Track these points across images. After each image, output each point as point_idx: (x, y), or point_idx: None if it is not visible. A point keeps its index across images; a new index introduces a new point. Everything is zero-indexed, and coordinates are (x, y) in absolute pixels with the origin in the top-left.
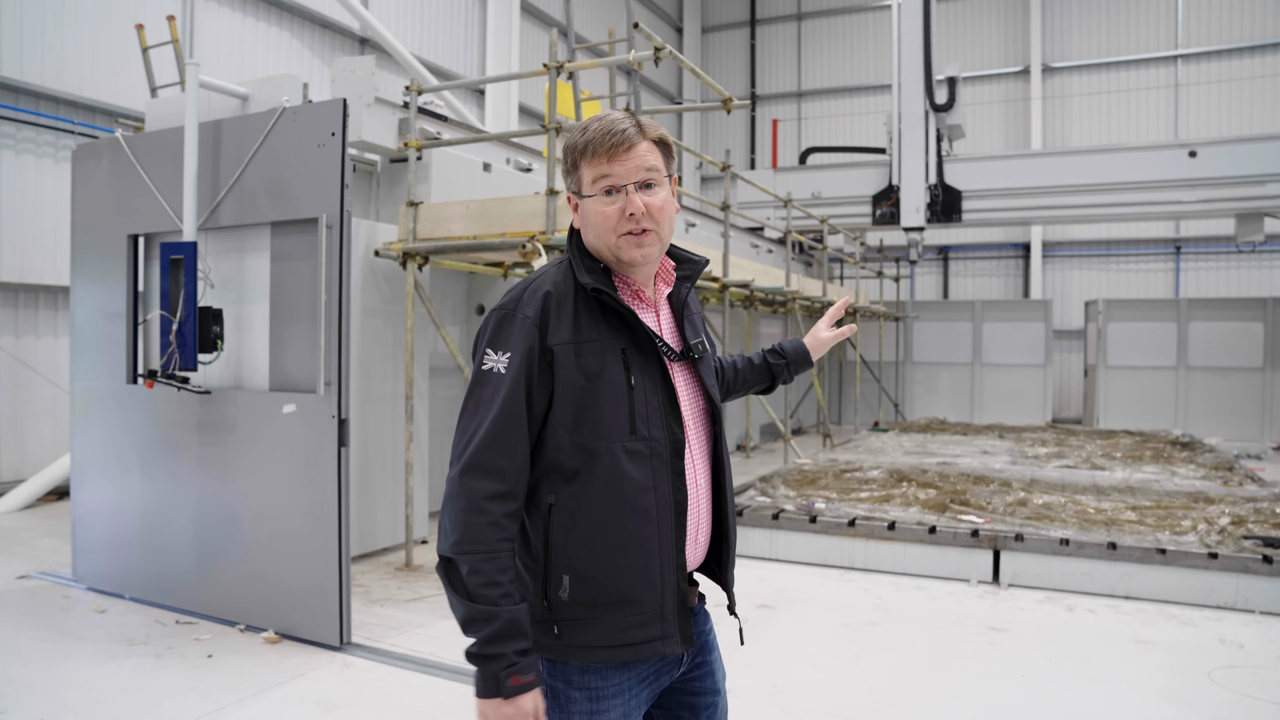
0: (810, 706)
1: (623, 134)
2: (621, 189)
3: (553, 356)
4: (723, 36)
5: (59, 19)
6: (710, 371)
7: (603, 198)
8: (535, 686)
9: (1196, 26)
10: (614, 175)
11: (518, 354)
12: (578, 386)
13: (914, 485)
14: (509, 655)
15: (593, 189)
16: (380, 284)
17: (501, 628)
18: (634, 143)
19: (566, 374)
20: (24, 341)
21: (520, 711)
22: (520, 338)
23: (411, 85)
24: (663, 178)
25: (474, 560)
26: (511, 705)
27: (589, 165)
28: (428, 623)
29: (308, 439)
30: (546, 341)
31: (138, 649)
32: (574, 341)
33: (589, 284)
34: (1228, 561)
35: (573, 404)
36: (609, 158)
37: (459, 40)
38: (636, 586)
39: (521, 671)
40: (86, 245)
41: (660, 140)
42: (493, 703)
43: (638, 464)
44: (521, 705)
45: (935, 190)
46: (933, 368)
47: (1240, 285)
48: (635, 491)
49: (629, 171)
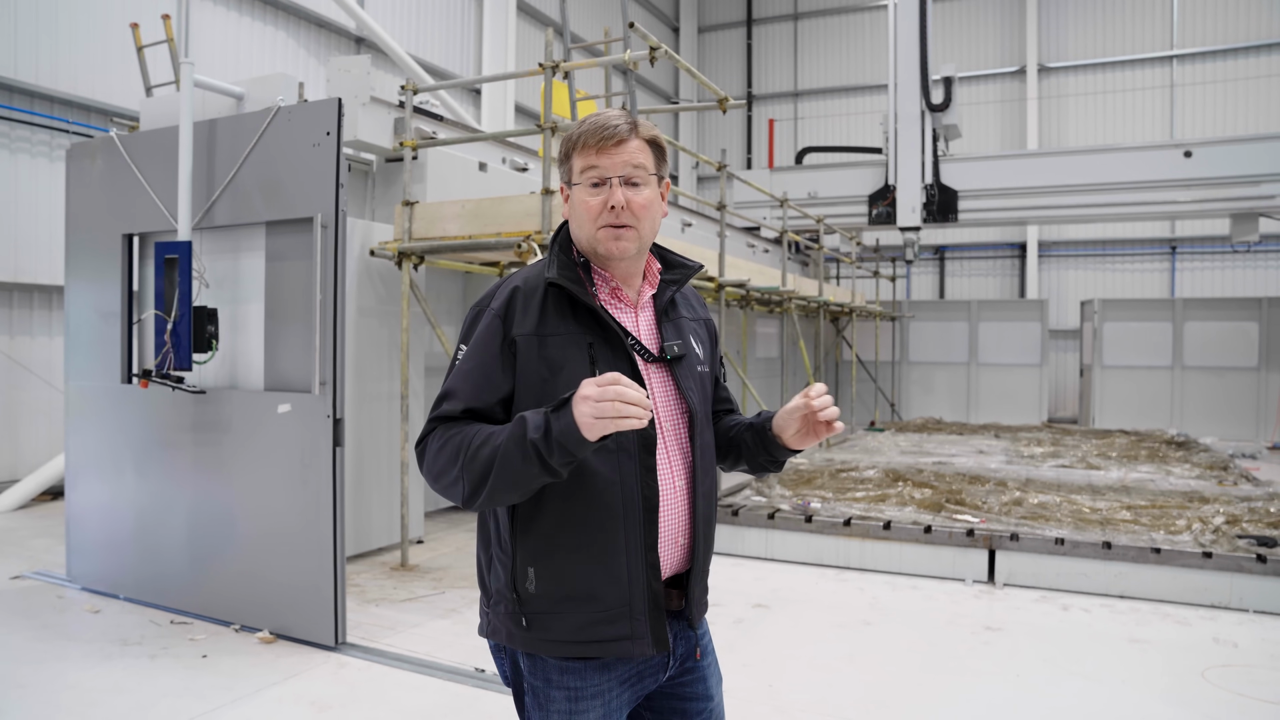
0: (805, 706)
1: (614, 129)
2: (607, 182)
3: (515, 347)
4: (719, 36)
5: (54, 18)
6: (691, 376)
7: (589, 188)
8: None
9: (1192, 27)
10: (601, 168)
11: (478, 338)
12: (540, 378)
13: (910, 485)
14: (541, 416)
15: (580, 179)
16: (376, 284)
17: (520, 426)
18: (624, 138)
19: (528, 366)
20: (18, 341)
21: (582, 398)
22: (483, 327)
23: (407, 85)
24: (650, 177)
25: (468, 458)
26: (580, 403)
27: (580, 155)
28: (423, 622)
29: (303, 439)
30: (510, 333)
31: (132, 649)
32: (537, 334)
33: (551, 278)
34: (1222, 561)
35: (535, 396)
36: (598, 150)
37: (455, 40)
38: (599, 582)
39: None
40: (81, 245)
41: (652, 141)
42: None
43: (603, 458)
44: (581, 394)
45: (931, 190)
46: (929, 367)
47: (1235, 285)
48: (600, 486)
49: (616, 165)
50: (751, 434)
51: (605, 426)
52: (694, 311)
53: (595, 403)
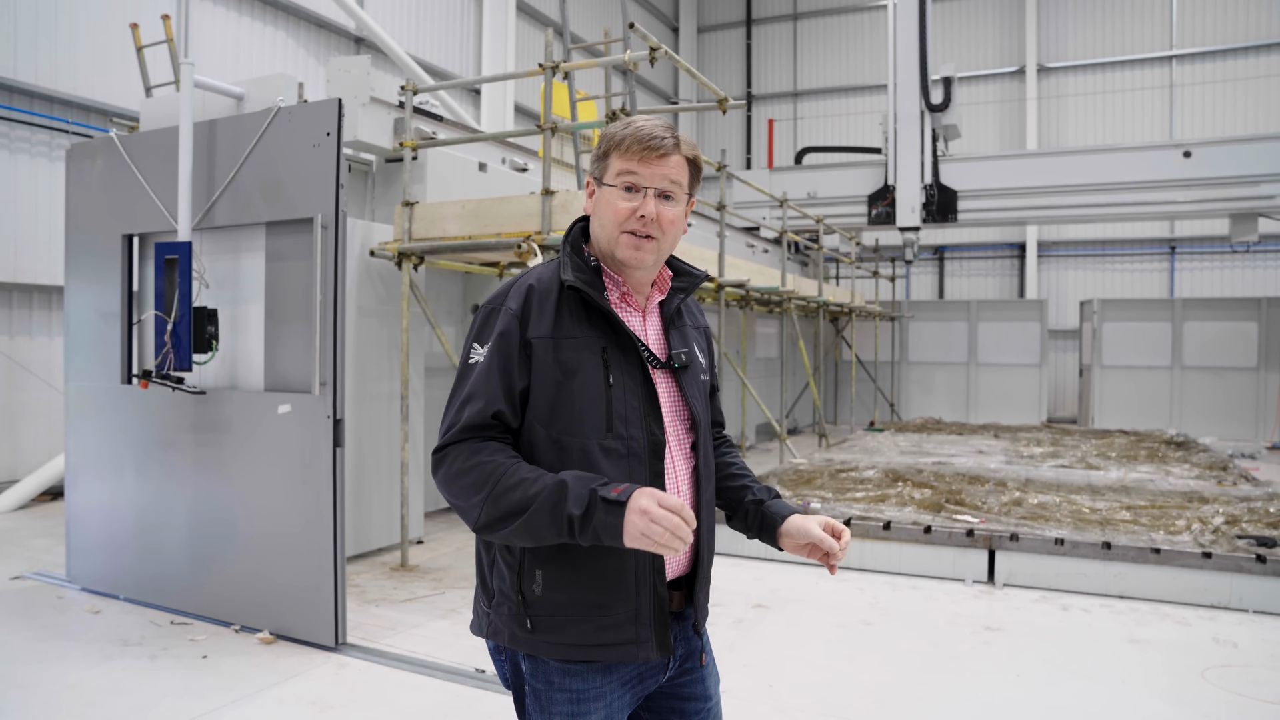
0: (805, 706)
1: (662, 140)
2: (642, 190)
3: (530, 349)
4: (719, 36)
5: (53, 18)
6: (695, 384)
7: (622, 191)
8: (633, 489)
9: (1191, 27)
10: (640, 175)
11: (495, 340)
12: (554, 381)
13: (909, 485)
14: (587, 494)
15: (615, 180)
16: (376, 284)
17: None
18: (669, 152)
19: (543, 368)
20: (18, 341)
21: (640, 509)
22: (501, 326)
23: (407, 85)
24: (683, 194)
25: (497, 492)
26: (635, 512)
27: (620, 157)
28: (423, 623)
29: (303, 439)
30: (526, 334)
31: (132, 650)
32: (553, 336)
33: (568, 281)
34: (1222, 561)
35: (549, 399)
36: (641, 158)
37: (455, 40)
38: (608, 587)
39: (604, 488)
40: (81, 245)
41: (693, 160)
42: (630, 522)
43: (614, 462)
44: (639, 504)
45: (931, 190)
46: (928, 367)
47: (1234, 285)
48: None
49: (655, 176)
50: (755, 509)
51: (647, 545)
52: (695, 319)
53: (650, 523)
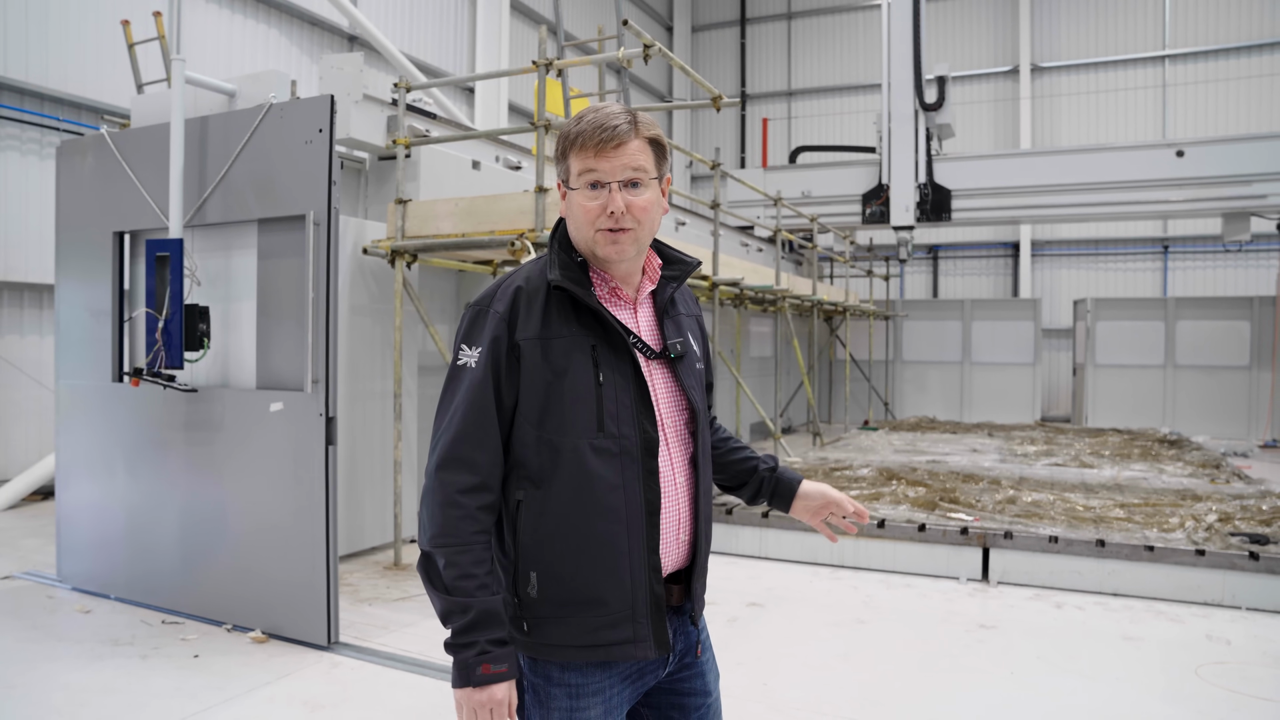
0: (800, 704)
1: (614, 130)
2: (606, 185)
3: (519, 351)
4: (713, 35)
5: (44, 15)
6: (691, 373)
7: (587, 191)
8: (509, 677)
9: (1184, 27)
10: (600, 171)
11: (486, 348)
12: (544, 382)
13: (903, 483)
14: (481, 644)
15: (578, 181)
16: (369, 282)
17: (475, 618)
18: (624, 140)
19: (532, 369)
20: (8, 340)
21: (492, 699)
22: (489, 332)
23: (400, 82)
24: (650, 179)
25: (450, 553)
26: (483, 693)
27: (577, 157)
28: (416, 622)
29: (295, 437)
30: (514, 336)
31: (123, 649)
32: (541, 337)
33: (555, 280)
34: (1215, 558)
35: (539, 400)
36: (597, 153)
37: (448, 38)
38: (603, 586)
39: (494, 661)
40: (71, 243)
41: (654, 140)
42: (465, 691)
43: (606, 461)
44: (494, 694)
45: (925, 189)
46: (922, 366)
47: (1227, 284)
48: (603, 490)
49: (615, 169)
50: (770, 476)
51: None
52: (689, 308)
53: (474, 712)
